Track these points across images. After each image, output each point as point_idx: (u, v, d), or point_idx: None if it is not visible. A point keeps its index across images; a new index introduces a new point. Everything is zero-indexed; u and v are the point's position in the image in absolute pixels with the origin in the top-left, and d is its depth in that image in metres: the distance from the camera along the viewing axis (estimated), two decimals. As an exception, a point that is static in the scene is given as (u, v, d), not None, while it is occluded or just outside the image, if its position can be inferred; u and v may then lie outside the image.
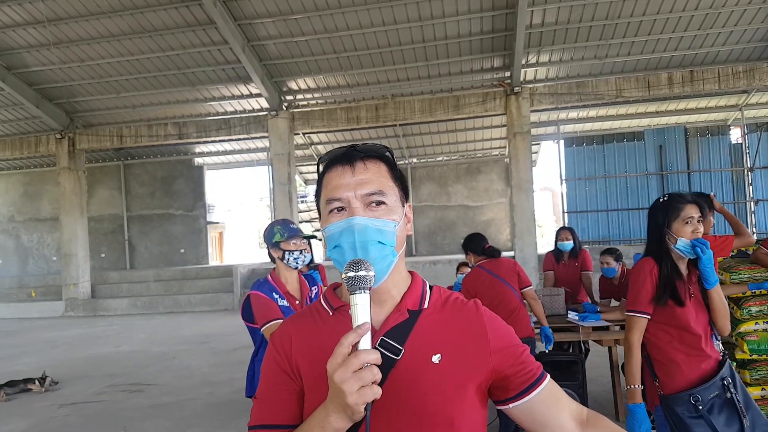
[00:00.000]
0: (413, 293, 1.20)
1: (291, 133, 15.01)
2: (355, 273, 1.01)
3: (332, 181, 1.14)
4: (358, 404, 0.93)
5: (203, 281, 17.21)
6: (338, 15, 12.24)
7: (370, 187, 1.12)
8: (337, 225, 1.11)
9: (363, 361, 0.93)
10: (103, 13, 12.37)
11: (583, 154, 16.70)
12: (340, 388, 0.93)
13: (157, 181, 20.91)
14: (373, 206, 1.12)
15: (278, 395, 1.17)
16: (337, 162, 1.16)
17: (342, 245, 1.10)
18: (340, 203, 1.12)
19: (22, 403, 6.75)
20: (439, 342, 1.14)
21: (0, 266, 21.64)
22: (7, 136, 17.17)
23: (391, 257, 1.12)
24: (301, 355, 1.17)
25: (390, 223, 1.12)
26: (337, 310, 1.20)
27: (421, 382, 1.10)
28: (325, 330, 1.18)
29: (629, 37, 12.61)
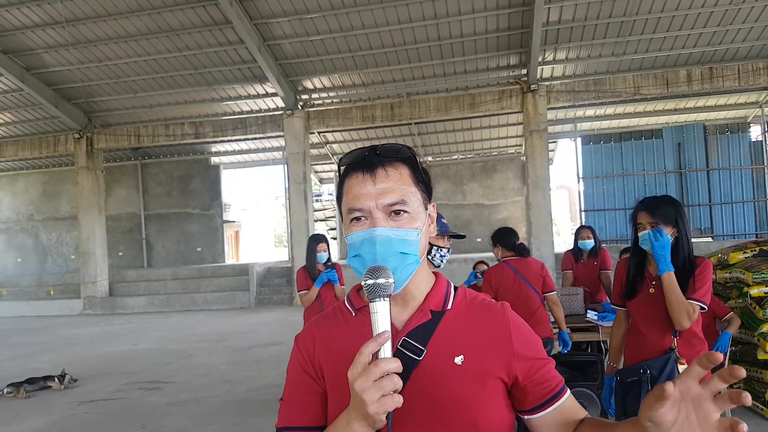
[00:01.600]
0: (437, 294, 1.18)
1: (306, 132, 15.05)
2: (375, 280, 1.01)
3: (353, 189, 1.12)
4: (378, 414, 0.92)
5: (219, 280, 17.31)
6: (353, 14, 12.24)
7: (392, 197, 1.09)
8: (358, 235, 1.10)
9: (383, 370, 0.92)
10: (120, 13, 12.47)
11: (601, 152, 16.54)
12: (361, 397, 0.92)
13: (174, 180, 21.07)
14: (394, 216, 1.10)
15: (302, 397, 1.17)
16: (357, 168, 1.13)
17: (363, 255, 1.09)
18: (361, 213, 1.10)
19: (42, 401, 6.82)
20: (462, 343, 1.12)
21: (19, 264, 21.94)
22: (27, 136, 17.40)
23: (414, 265, 1.11)
24: (323, 357, 1.17)
25: (413, 232, 1.10)
26: (359, 311, 1.18)
27: (443, 383, 1.09)
28: (347, 331, 1.17)
29: (647, 34, 12.46)
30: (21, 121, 16.88)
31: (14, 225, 22.13)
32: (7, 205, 22.22)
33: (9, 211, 22.18)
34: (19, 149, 17.41)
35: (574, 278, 6.04)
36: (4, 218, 22.23)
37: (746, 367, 5.09)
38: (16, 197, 22.14)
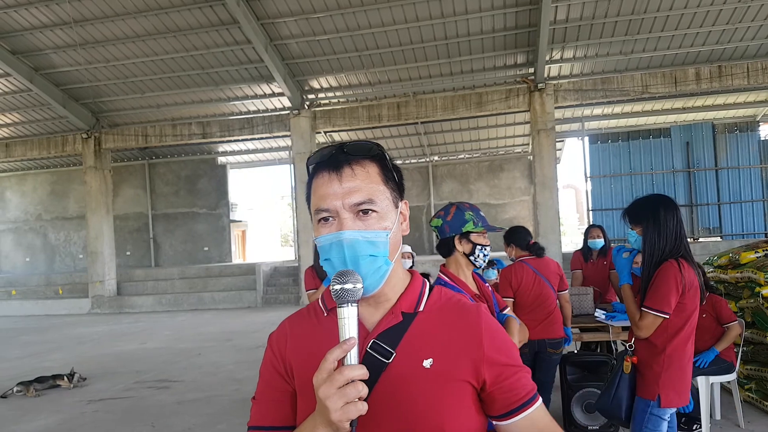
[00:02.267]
0: (410, 295, 1.16)
1: (313, 131, 15.06)
2: (342, 285, 0.99)
3: (319, 189, 1.09)
4: (342, 421, 0.91)
5: (227, 279, 17.36)
6: (360, 13, 12.24)
7: (359, 196, 1.06)
8: (326, 238, 1.07)
9: (348, 377, 0.91)
10: (128, 13, 12.51)
11: (608, 151, 16.47)
12: (324, 404, 0.91)
13: (182, 180, 21.13)
14: (362, 215, 1.07)
15: (273, 396, 1.16)
16: (324, 167, 1.10)
17: (332, 259, 1.07)
18: (328, 213, 1.07)
19: (52, 399, 6.85)
20: (432, 346, 1.10)
21: (28, 264, 22.06)
22: (35, 136, 17.48)
23: (384, 267, 1.09)
24: (294, 356, 1.16)
25: (381, 233, 1.08)
26: (330, 312, 1.16)
27: (411, 386, 1.07)
28: (318, 331, 1.16)
29: (656, 32, 12.40)
30: (29, 121, 16.96)
31: (23, 224, 22.25)
32: (15, 204, 22.34)
33: (18, 210, 22.30)
34: (28, 149, 17.50)
35: (583, 278, 6.01)
36: (12, 218, 22.35)
37: (757, 367, 5.06)
38: (25, 197, 22.25)
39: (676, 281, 2.72)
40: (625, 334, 5.02)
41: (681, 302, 2.75)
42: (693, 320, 2.81)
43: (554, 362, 4.45)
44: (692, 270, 2.79)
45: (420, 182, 20.69)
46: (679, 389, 2.78)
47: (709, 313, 4.58)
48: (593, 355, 5.19)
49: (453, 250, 2.62)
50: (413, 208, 20.65)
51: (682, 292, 2.74)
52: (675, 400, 2.78)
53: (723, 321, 4.54)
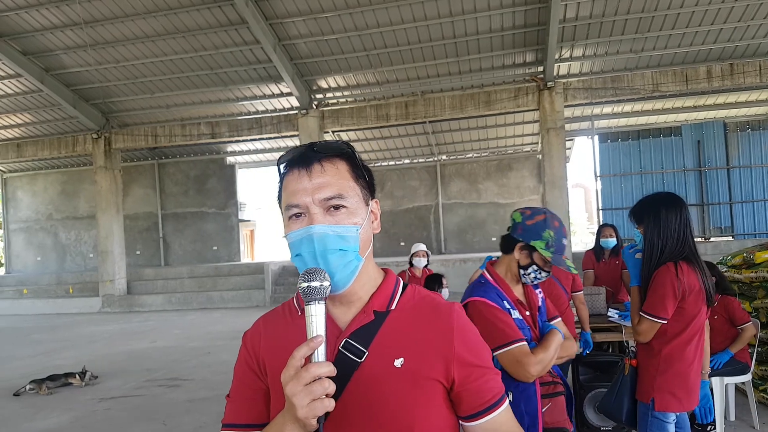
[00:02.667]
0: (382, 294, 1.16)
1: (321, 131, 15.07)
2: (309, 283, 1.00)
3: (290, 185, 1.11)
4: (308, 418, 0.92)
5: (235, 278, 17.42)
6: (368, 12, 12.23)
7: (329, 191, 1.08)
8: (296, 233, 1.09)
9: (314, 374, 0.92)
10: (137, 14, 12.56)
11: (618, 150, 16.38)
12: (291, 401, 0.93)
13: (191, 180, 21.20)
14: (332, 210, 1.08)
15: (247, 394, 1.18)
16: (294, 165, 1.12)
17: (303, 254, 1.08)
18: (298, 209, 1.09)
19: (64, 397, 6.89)
20: (403, 345, 1.11)
21: (39, 263, 22.20)
22: (46, 136, 17.59)
23: (355, 262, 1.10)
24: (267, 354, 1.17)
25: (351, 228, 1.09)
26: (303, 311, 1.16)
27: (382, 386, 1.08)
28: (291, 330, 1.17)
29: (666, 30, 12.31)
30: (40, 122, 17.06)
31: (34, 224, 22.39)
32: (26, 204, 22.48)
33: (29, 210, 22.45)
34: (39, 149, 17.61)
35: (595, 278, 5.98)
36: (24, 217, 22.50)
37: (772, 367, 5.01)
38: (36, 197, 22.39)
39: (673, 286, 2.65)
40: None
41: (680, 306, 2.69)
42: (695, 324, 2.73)
43: (565, 364, 4.43)
44: (694, 273, 2.69)
45: (428, 182, 20.65)
46: (677, 393, 2.71)
47: (721, 315, 4.54)
48: (605, 355, 5.16)
49: (511, 252, 2.40)
50: (421, 208, 20.63)
51: (682, 296, 2.66)
52: (672, 404, 2.72)
53: (737, 322, 4.50)
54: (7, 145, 17.86)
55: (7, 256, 22.83)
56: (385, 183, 20.90)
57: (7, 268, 22.76)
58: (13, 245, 22.71)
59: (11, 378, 7.98)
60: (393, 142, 19.52)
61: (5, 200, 22.74)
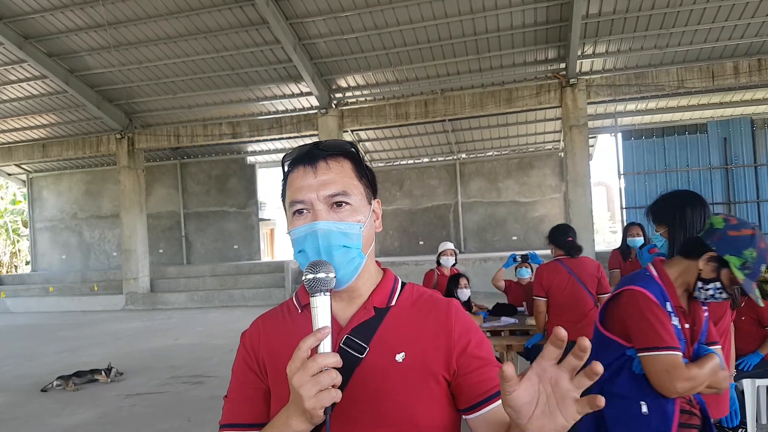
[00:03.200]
0: (382, 290, 1.18)
1: (340, 130, 15.09)
2: (315, 275, 1.01)
3: (295, 182, 1.12)
4: (315, 408, 0.92)
5: (256, 276, 17.53)
6: (388, 11, 12.21)
7: (333, 188, 1.10)
8: (301, 229, 1.10)
9: (321, 365, 0.93)
10: (160, 15, 12.68)
11: (642, 148, 16.15)
12: (298, 392, 0.92)
13: (212, 180, 21.38)
14: (336, 207, 1.10)
15: (247, 394, 1.18)
16: (299, 162, 1.14)
17: (306, 250, 1.09)
18: (302, 205, 1.10)
19: (91, 393, 6.98)
20: (404, 340, 1.12)
21: (64, 261, 22.54)
22: (71, 137, 17.86)
23: (358, 259, 1.11)
24: (267, 353, 1.18)
25: (355, 225, 1.10)
26: (304, 308, 1.18)
27: (384, 381, 1.09)
28: (291, 328, 1.19)
29: (692, 25, 12.11)
30: (65, 122, 17.33)
31: (59, 223, 22.74)
32: (52, 203, 22.84)
33: (54, 209, 22.80)
34: (64, 149, 17.88)
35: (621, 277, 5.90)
36: (49, 216, 22.86)
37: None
38: (61, 196, 22.74)
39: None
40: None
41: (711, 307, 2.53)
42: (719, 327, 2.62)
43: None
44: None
45: (447, 180, 20.58)
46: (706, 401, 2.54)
47: (749, 316, 4.46)
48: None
49: (695, 259, 2.05)
50: (440, 207, 20.56)
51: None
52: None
53: (765, 323, 4.42)
54: (32, 145, 18.16)
55: (33, 254, 23.22)
56: (404, 182, 20.88)
57: (33, 266, 23.15)
58: (38, 244, 23.10)
59: (39, 374, 8.12)
60: (412, 140, 19.48)
61: (31, 200, 23.12)
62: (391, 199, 20.75)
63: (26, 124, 17.58)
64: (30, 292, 19.09)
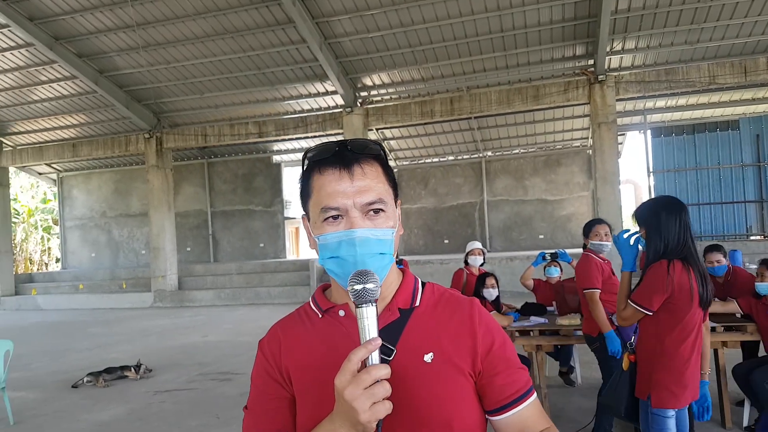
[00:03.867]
0: (404, 291, 1.16)
1: (365, 129, 15.09)
2: (364, 285, 0.97)
3: (327, 186, 1.06)
4: (371, 422, 0.90)
5: (282, 274, 17.64)
6: (414, 8, 12.17)
7: (371, 196, 1.06)
8: (335, 235, 1.05)
9: (375, 377, 0.90)
10: (187, 15, 12.82)
11: (672, 145, 15.85)
12: (351, 405, 0.89)
13: (239, 179, 21.56)
14: (371, 214, 1.06)
15: (270, 404, 1.14)
16: (331, 164, 1.07)
17: (342, 257, 1.05)
18: (337, 212, 1.05)
19: (120, 389, 7.08)
20: (431, 341, 1.10)
21: (93, 259, 22.94)
22: (100, 136, 18.16)
23: (389, 264, 1.10)
24: (290, 361, 1.14)
25: (389, 231, 1.08)
26: (326, 313, 1.15)
27: (415, 381, 1.06)
28: (314, 334, 1.15)
29: (724, 20, 11.85)
30: (95, 122, 17.63)
31: (88, 221, 23.14)
32: (82, 202, 23.25)
33: (84, 208, 23.21)
34: (93, 149, 18.19)
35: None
36: (79, 215, 23.28)
37: None
38: (90, 195, 23.14)
39: (663, 281, 2.80)
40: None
41: (670, 302, 2.81)
42: (687, 323, 2.84)
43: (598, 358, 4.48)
44: (686, 274, 2.82)
45: (473, 178, 20.45)
46: (673, 390, 2.84)
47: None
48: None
49: None
50: (465, 205, 20.44)
51: (671, 293, 2.79)
52: (668, 400, 2.84)
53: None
54: (63, 145, 18.51)
55: (64, 252, 23.69)
56: (429, 180, 20.81)
57: (64, 264, 23.62)
58: (68, 242, 23.55)
59: (70, 370, 8.26)
60: (437, 138, 19.40)
61: (61, 199, 23.58)
62: (416, 198, 20.70)
63: (57, 124, 17.92)
64: (60, 290, 19.47)
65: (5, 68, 15.22)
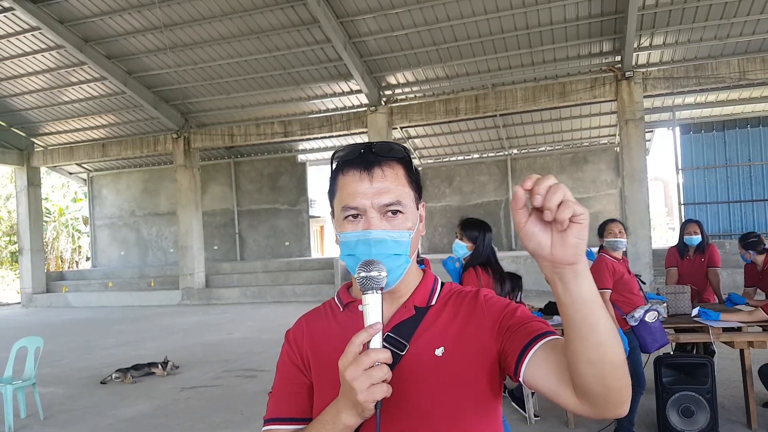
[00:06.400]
0: (422, 290, 1.22)
1: (389, 127, 15.08)
2: (368, 273, 1.03)
3: (348, 186, 1.12)
4: (368, 402, 0.94)
5: (306, 273, 17.74)
6: (438, 6, 12.12)
7: (388, 198, 1.11)
8: (353, 234, 1.11)
9: (374, 359, 0.94)
10: (214, 16, 12.96)
11: (702, 142, 15.57)
12: (351, 385, 0.94)
13: (264, 178, 21.73)
14: (389, 215, 1.11)
15: (290, 389, 1.21)
16: (354, 165, 1.13)
17: (358, 255, 1.11)
18: (356, 211, 1.11)
19: (148, 386, 7.20)
20: (443, 336, 1.15)
21: (122, 257, 23.34)
22: (129, 136, 18.47)
23: (405, 265, 1.14)
24: (311, 350, 1.22)
25: (406, 233, 1.13)
26: (346, 307, 1.23)
27: (425, 376, 1.11)
28: (334, 326, 1.22)
29: (754, 15, 11.57)
30: (123, 122, 17.93)
31: (118, 220, 23.55)
32: (111, 201, 23.67)
33: (113, 207, 23.63)
34: (122, 149, 18.50)
35: (679, 276, 5.71)
36: (108, 214, 23.71)
37: None
38: (120, 194, 23.54)
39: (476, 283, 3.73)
40: (726, 336, 4.73)
41: None
42: None
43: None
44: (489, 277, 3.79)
45: (498, 176, 20.32)
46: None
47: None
48: (690, 357, 4.91)
49: None
50: (490, 203, 20.32)
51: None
52: None
53: None
54: (93, 145, 18.86)
55: (93, 250, 24.14)
56: (454, 178, 20.73)
57: (93, 262, 24.08)
58: (98, 240, 23.99)
59: (99, 366, 8.43)
60: (462, 136, 19.31)
61: (91, 198, 24.04)
62: (440, 196, 20.65)
63: (86, 125, 18.27)
64: (90, 287, 19.86)
65: (36, 70, 15.57)
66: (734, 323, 4.65)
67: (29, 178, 19.54)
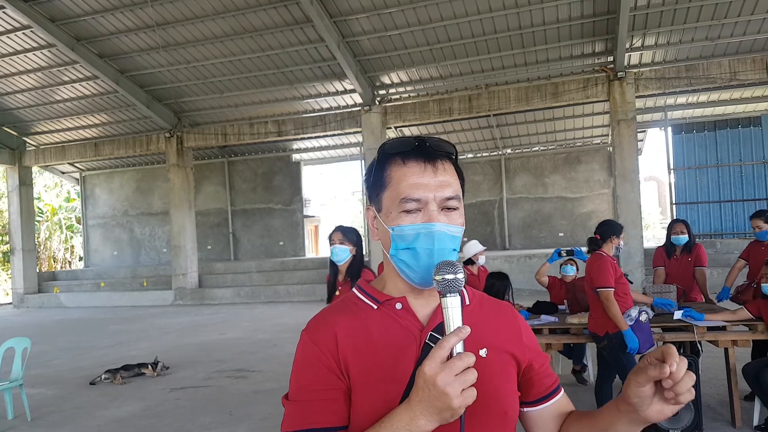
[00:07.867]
0: None
1: (383, 127, 15.08)
2: (454, 276, 1.00)
3: (409, 177, 1.10)
4: (462, 407, 0.92)
5: (301, 272, 17.73)
6: (432, 6, 12.13)
7: (449, 191, 1.10)
8: (413, 227, 1.09)
9: (467, 363, 0.93)
10: (207, 15, 12.93)
11: (693, 142, 15.64)
12: (444, 391, 0.91)
13: (258, 177, 21.71)
14: (447, 211, 1.11)
15: (325, 396, 1.10)
16: (414, 156, 1.11)
17: (417, 249, 1.09)
18: (417, 204, 1.09)
19: (137, 387, 7.19)
20: (483, 336, 1.15)
21: (115, 257, 23.28)
22: (121, 136, 18.42)
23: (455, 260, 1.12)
24: (349, 353, 1.11)
25: (461, 228, 1.13)
26: (383, 305, 1.16)
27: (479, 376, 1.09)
28: (370, 325, 1.14)
29: (745, 16, 11.62)
30: (116, 122, 17.88)
31: (110, 220, 23.48)
32: (104, 201, 23.60)
33: (106, 206, 23.56)
34: (115, 148, 18.44)
35: (666, 275, 5.74)
36: (101, 213, 23.63)
37: None
38: (112, 194, 23.47)
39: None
40: (711, 335, 4.77)
41: None
42: None
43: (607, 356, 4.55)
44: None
45: (492, 176, 20.35)
46: None
47: None
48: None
49: None
50: (484, 203, 20.36)
51: None
52: None
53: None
54: (85, 144, 18.80)
55: (86, 250, 24.06)
56: (449, 178, 20.71)
57: (86, 262, 24.00)
58: (91, 240, 23.91)
59: (90, 366, 8.41)
60: (456, 136, 19.32)
61: (84, 197, 23.96)
62: (434, 196, 20.62)
63: (79, 124, 18.21)
64: (82, 287, 19.80)
65: (28, 69, 15.51)
66: (719, 322, 4.69)
67: (21, 177, 19.46)
